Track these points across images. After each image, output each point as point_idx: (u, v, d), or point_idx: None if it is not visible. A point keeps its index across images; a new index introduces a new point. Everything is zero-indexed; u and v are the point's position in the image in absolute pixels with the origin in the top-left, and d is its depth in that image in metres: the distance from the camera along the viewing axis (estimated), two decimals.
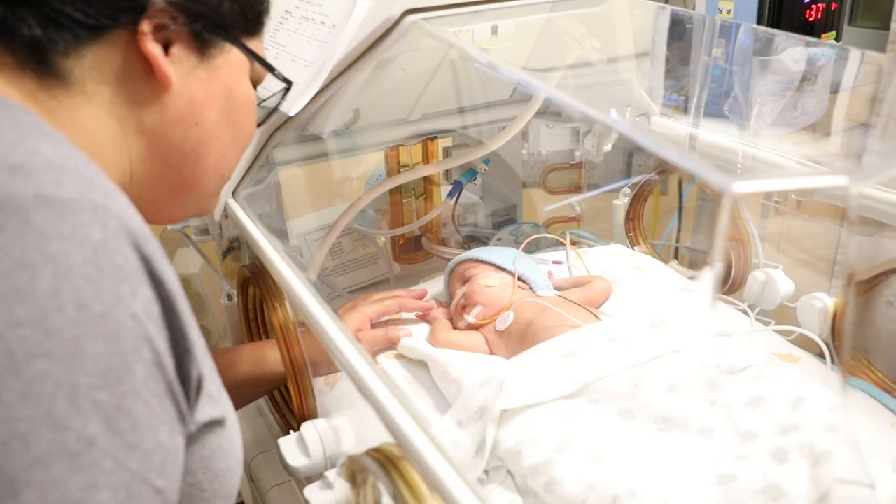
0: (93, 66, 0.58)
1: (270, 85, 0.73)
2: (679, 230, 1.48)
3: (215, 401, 0.55)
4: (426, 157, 1.35)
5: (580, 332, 0.93)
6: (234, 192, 1.01)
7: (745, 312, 1.12)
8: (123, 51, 0.58)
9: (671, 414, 0.81)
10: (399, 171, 1.32)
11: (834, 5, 1.60)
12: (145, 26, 0.57)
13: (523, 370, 0.89)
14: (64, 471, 0.42)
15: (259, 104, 0.73)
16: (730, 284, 1.21)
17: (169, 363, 0.49)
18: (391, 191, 1.36)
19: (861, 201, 0.84)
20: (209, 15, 0.61)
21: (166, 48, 0.59)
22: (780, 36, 1.37)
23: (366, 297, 1.10)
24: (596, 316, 1.01)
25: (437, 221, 1.42)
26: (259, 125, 0.74)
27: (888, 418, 0.89)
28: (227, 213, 1.01)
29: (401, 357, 1.03)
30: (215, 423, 0.56)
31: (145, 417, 0.46)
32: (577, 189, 1.50)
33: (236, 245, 1.22)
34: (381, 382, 0.63)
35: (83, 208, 0.46)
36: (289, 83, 0.74)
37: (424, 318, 1.12)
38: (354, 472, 0.67)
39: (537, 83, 0.89)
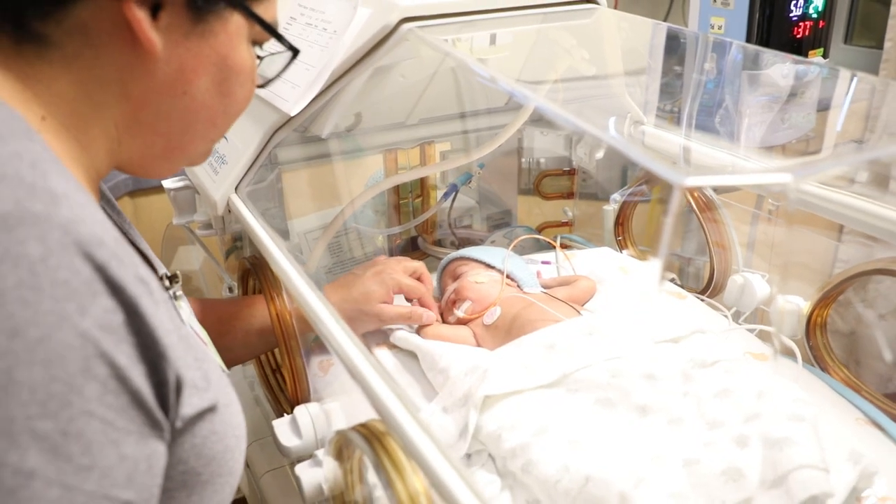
0: (74, 30, 0.53)
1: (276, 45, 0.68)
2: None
3: (202, 390, 0.55)
4: (423, 161, 1.40)
5: (562, 326, 0.97)
6: (236, 188, 1.06)
7: (725, 316, 1.17)
8: (107, 14, 0.53)
9: (645, 403, 0.85)
10: (397, 174, 1.37)
11: (821, 23, 1.65)
12: None
13: (507, 360, 0.93)
14: None
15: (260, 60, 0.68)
16: (712, 288, 1.25)
17: (136, 372, 0.47)
18: (389, 193, 1.40)
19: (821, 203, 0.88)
20: None
21: (156, 11, 0.54)
22: (767, 53, 1.42)
23: (397, 262, 1.08)
24: (578, 312, 1.06)
25: (433, 223, 1.47)
26: (261, 87, 0.70)
27: (854, 414, 0.93)
28: (229, 208, 1.05)
29: (393, 347, 1.08)
30: (206, 411, 0.55)
31: (101, 435, 0.45)
32: (570, 195, 1.55)
33: (240, 244, 1.27)
34: (367, 362, 0.68)
35: (19, 222, 0.43)
36: (295, 51, 0.68)
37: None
38: (341, 448, 0.71)
39: (526, 92, 0.93)
